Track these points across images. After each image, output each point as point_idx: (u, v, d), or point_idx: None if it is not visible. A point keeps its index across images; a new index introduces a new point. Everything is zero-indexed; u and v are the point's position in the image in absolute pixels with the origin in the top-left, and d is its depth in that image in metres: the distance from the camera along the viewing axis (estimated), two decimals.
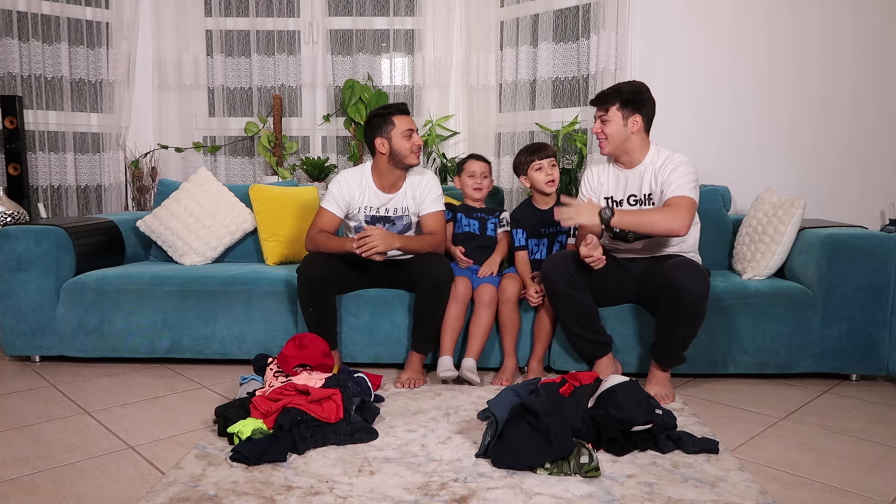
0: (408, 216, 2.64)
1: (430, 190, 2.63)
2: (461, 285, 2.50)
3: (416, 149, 2.54)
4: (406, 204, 2.63)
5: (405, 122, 2.53)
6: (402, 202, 2.63)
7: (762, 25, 3.22)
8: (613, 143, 2.39)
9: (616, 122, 2.36)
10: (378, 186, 2.61)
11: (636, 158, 2.41)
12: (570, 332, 2.40)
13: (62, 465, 1.79)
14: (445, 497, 1.58)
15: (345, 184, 2.60)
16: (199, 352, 2.68)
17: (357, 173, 2.63)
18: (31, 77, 3.74)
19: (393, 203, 2.62)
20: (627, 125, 2.36)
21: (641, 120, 2.37)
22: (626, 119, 2.35)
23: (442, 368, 2.42)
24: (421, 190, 2.62)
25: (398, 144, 2.52)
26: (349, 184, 2.60)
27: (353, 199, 2.60)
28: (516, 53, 3.83)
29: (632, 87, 2.39)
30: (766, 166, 3.26)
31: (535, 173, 2.64)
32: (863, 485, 1.69)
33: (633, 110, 2.35)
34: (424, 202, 2.62)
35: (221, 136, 4.13)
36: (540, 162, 2.63)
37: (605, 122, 2.38)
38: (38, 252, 2.67)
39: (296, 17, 4.07)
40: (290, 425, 1.86)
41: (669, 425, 1.90)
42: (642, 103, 2.37)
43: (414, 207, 2.63)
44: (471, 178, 2.81)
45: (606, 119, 2.37)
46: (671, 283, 2.17)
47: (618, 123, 2.36)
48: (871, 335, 2.43)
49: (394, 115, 2.53)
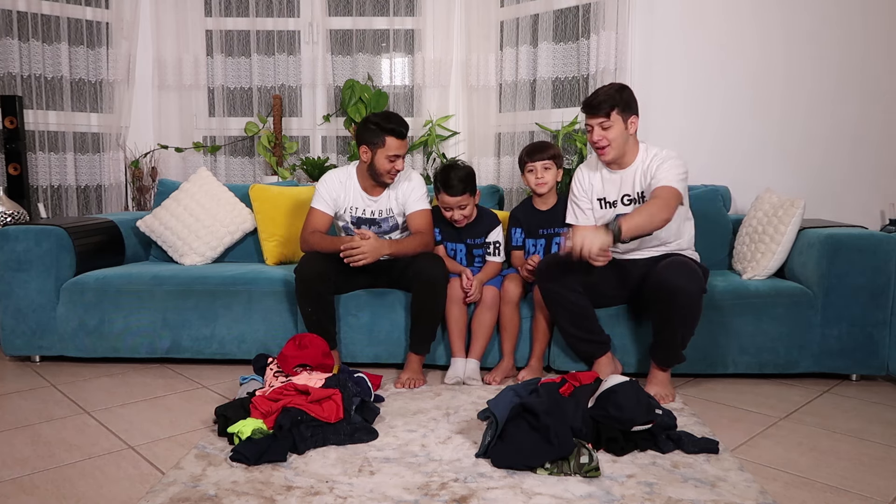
0: (393, 217, 2.65)
1: (413, 189, 2.62)
2: (458, 287, 2.51)
3: (394, 172, 2.53)
4: (390, 205, 2.63)
5: (395, 146, 2.49)
6: (387, 204, 2.63)
7: (762, 25, 3.22)
8: (617, 148, 2.37)
9: (618, 126, 2.35)
10: (362, 188, 2.62)
11: (628, 160, 2.42)
12: (567, 333, 2.40)
13: (62, 465, 1.79)
14: (445, 497, 1.58)
15: (331, 183, 2.61)
16: (199, 352, 2.68)
17: (343, 173, 2.64)
18: (31, 77, 3.73)
19: (378, 205, 2.63)
20: (628, 127, 2.37)
21: (637, 119, 2.38)
22: (626, 122, 2.36)
23: (451, 373, 2.46)
24: (405, 190, 2.62)
25: (379, 162, 2.51)
26: (335, 183, 2.61)
27: (339, 199, 2.61)
28: (516, 53, 3.83)
29: (621, 89, 2.39)
30: (766, 166, 3.26)
31: (528, 174, 2.63)
32: (863, 485, 1.69)
33: (630, 112, 2.37)
34: (409, 201, 2.61)
35: (221, 136, 4.13)
36: (532, 164, 2.60)
37: (606, 129, 2.35)
38: (38, 252, 2.67)
39: (296, 17, 4.07)
40: (290, 425, 1.86)
41: (669, 425, 1.90)
42: (635, 104, 2.39)
43: (398, 208, 2.63)
44: (447, 211, 2.61)
45: (609, 125, 2.34)
46: (664, 282, 2.17)
47: (620, 127, 2.35)
48: (871, 335, 2.43)
49: (388, 136, 2.48)
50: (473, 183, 2.60)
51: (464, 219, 2.62)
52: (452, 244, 2.72)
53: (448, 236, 2.72)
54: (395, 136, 2.49)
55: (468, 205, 2.60)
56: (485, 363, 2.55)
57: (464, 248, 2.72)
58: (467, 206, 2.60)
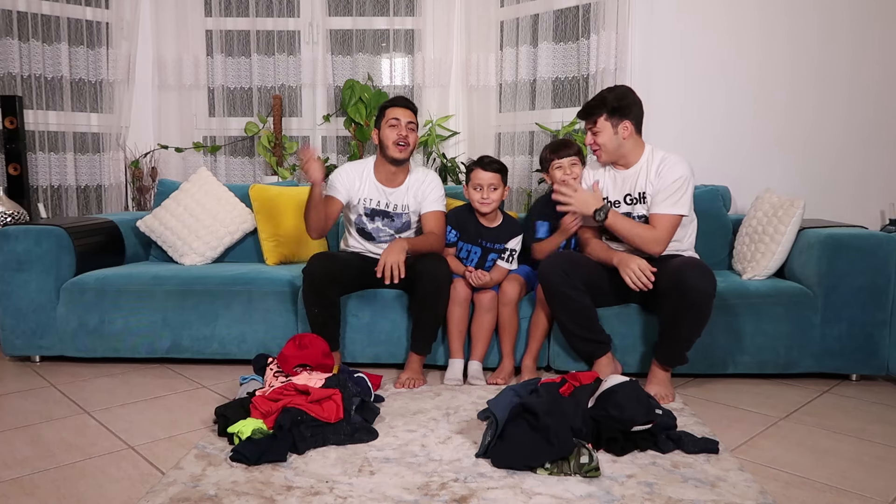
0: (407, 214, 2.64)
1: (432, 189, 2.62)
2: (461, 288, 2.51)
3: (400, 141, 2.51)
4: (407, 202, 2.62)
5: (393, 111, 2.54)
6: (404, 199, 2.62)
7: (762, 25, 3.22)
8: (608, 152, 2.43)
9: (606, 131, 2.39)
10: (378, 179, 2.62)
11: (632, 160, 2.44)
12: (569, 332, 2.40)
13: (62, 465, 1.79)
14: (445, 497, 1.58)
15: (345, 173, 2.61)
16: (199, 352, 2.68)
17: (360, 164, 2.66)
18: (31, 77, 3.73)
19: (393, 199, 2.62)
20: (618, 132, 2.38)
21: (631, 125, 2.39)
22: (615, 127, 2.38)
23: (449, 375, 2.46)
24: (423, 189, 2.62)
25: (384, 134, 2.54)
26: (349, 173, 2.61)
27: (352, 189, 2.61)
28: (516, 53, 3.83)
29: (615, 94, 2.40)
30: (766, 166, 3.26)
31: (556, 171, 2.61)
32: (863, 485, 1.69)
33: (621, 117, 2.37)
34: (426, 201, 2.61)
35: (221, 136, 4.13)
36: (560, 161, 2.60)
37: (595, 134, 2.41)
38: (38, 252, 2.67)
39: (296, 17, 4.07)
40: (290, 425, 1.86)
41: (669, 425, 1.90)
42: (628, 109, 2.39)
43: (415, 206, 2.63)
44: (476, 192, 2.59)
45: (596, 130, 2.41)
46: (679, 282, 2.17)
47: (608, 133, 2.38)
48: (871, 335, 2.44)
49: (388, 108, 2.55)
50: (506, 170, 2.64)
51: (492, 202, 2.58)
52: (469, 245, 2.69)
53: (467, 237, 2.68)
54: (394, 105, 2.54)
55: (499, 188, 2.59)
56: (484, 364, 2.55)
57: (479, 251, 2.68)
58: (497, 190, 2.59)
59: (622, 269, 2.28)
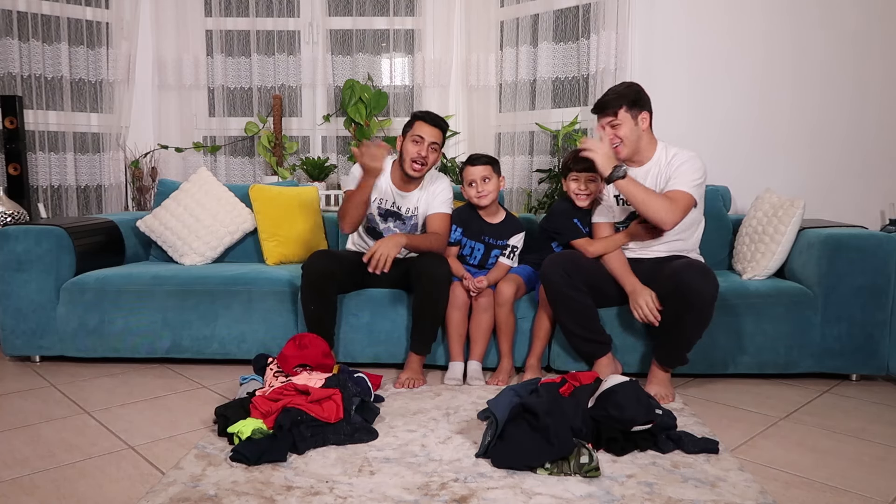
0: (416, 217, 2.66)
1: (440, 192, 2.65)
2: (459, 292, 2.51)
3: (418, 160, 2.52)
4: (418, 205, 2.65)
5: (419, 127, 2.53)
6: (415, 202, 2.65)
7: (762, 24, 3.22)
8: (630, 145, 2.39)
9: (627, 123, 2.37)
10: (393, 181, 2.64)
11: (646, 157, 2.43)
12: (570, 332, 2.40)
13: (62, 465, 1.79)
14: (445, 497, 1.58)
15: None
16: (199, 352, 2.68)
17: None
18: (31, 77, 3.73)
19: (406, 202, 2.64)
20: (638, 123, 2.38)
21: (649, 116, 2.39)
22: (635, 118, 2.37)
23: (449, 375, 2.46)
24: (433, 191, 2.65)
25: (406, 147, 2.55)
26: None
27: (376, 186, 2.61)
28: (516, 53, 3.83)
29: (631, 87, 2.41)
30: (766, 166, 3.26)
31: (571, 182, 2.59)
32: (863, 485, 1.69)
33: (640, 108, 2.38)
34: (434, 203, 2.63)
35: (221, 136, 4.13)
36: (578, 174, 2.56)
37: (616, 127, 2.37)
38: (38, 252, 2.66)
39: (296, 17, 4.07)
40: (290, 425, 1.86)
41: (669, 425, 1.90)
42: (646, 100, 2.41)
43: (423, 208, 2.65)
44: (471, 187, 2.63)
45: (617, 123, 2.36)
46: (680, 284, 2.16)
47: (629, 124, 2.37)
48: (871, 335, 2.43)
49: (417, 120, 2.55)
50: (497, 162, 2.68)
51: (488, 193, 2.61)
52: (472, 242, 2.70)
53: (470, 234, 2.70)
54: (423, 121, 2.54)
55: (492, 178, 2.62)
56: (483, 364, 2.55)
57: (482, 248, 2.70)
58: (491, 181, 2.62)
59: (632, 300, 2.31)
